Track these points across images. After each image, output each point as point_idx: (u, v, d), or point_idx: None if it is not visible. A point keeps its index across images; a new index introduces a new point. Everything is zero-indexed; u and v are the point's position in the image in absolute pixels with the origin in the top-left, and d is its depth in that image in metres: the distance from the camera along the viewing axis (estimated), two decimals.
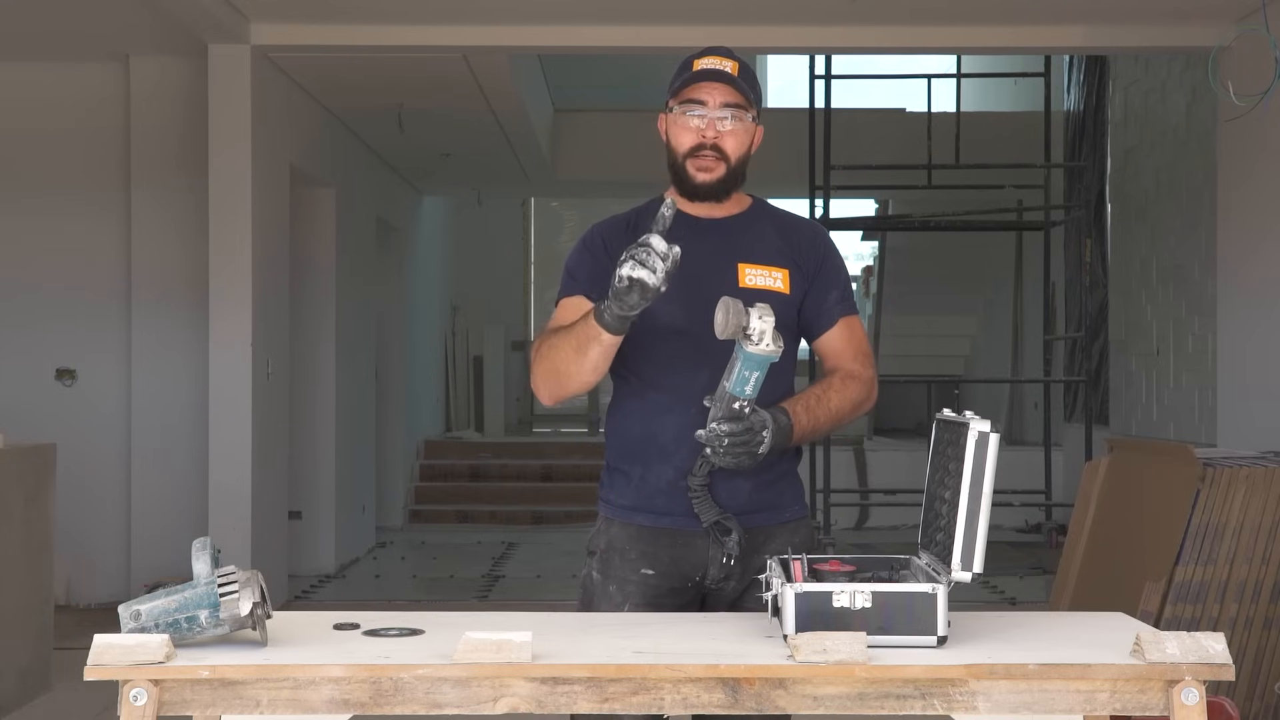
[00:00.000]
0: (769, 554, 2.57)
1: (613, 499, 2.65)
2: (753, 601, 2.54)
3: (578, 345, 2.45)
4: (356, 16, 6.73)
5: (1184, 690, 1.93)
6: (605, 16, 6.84)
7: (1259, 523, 4.33)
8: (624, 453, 2.63)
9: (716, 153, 2.57)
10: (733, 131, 2.58)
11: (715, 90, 2.56)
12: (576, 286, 2.63)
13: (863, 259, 15.32)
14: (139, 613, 2.01)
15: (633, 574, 2.58)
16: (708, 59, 2.57)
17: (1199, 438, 7.67)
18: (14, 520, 5.13)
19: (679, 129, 2.59)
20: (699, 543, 2.56)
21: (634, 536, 2.59)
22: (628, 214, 2.70)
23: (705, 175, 2.58)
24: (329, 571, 8.61)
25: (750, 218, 2.67)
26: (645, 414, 2.55)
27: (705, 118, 2.56)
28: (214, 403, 6.79)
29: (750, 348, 2.32)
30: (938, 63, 11.37)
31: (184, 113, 7.31)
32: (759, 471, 2.54)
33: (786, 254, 2.63)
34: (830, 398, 2.56)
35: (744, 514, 2.56)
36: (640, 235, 2.43)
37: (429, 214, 12.54)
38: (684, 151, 2.59)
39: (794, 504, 2.66)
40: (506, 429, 14.24)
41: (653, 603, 2.56)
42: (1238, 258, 6.82)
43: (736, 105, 2.57)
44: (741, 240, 2.62)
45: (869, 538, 10.41)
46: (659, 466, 2.55)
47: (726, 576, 2.58)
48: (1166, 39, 6.96)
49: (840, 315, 2.66)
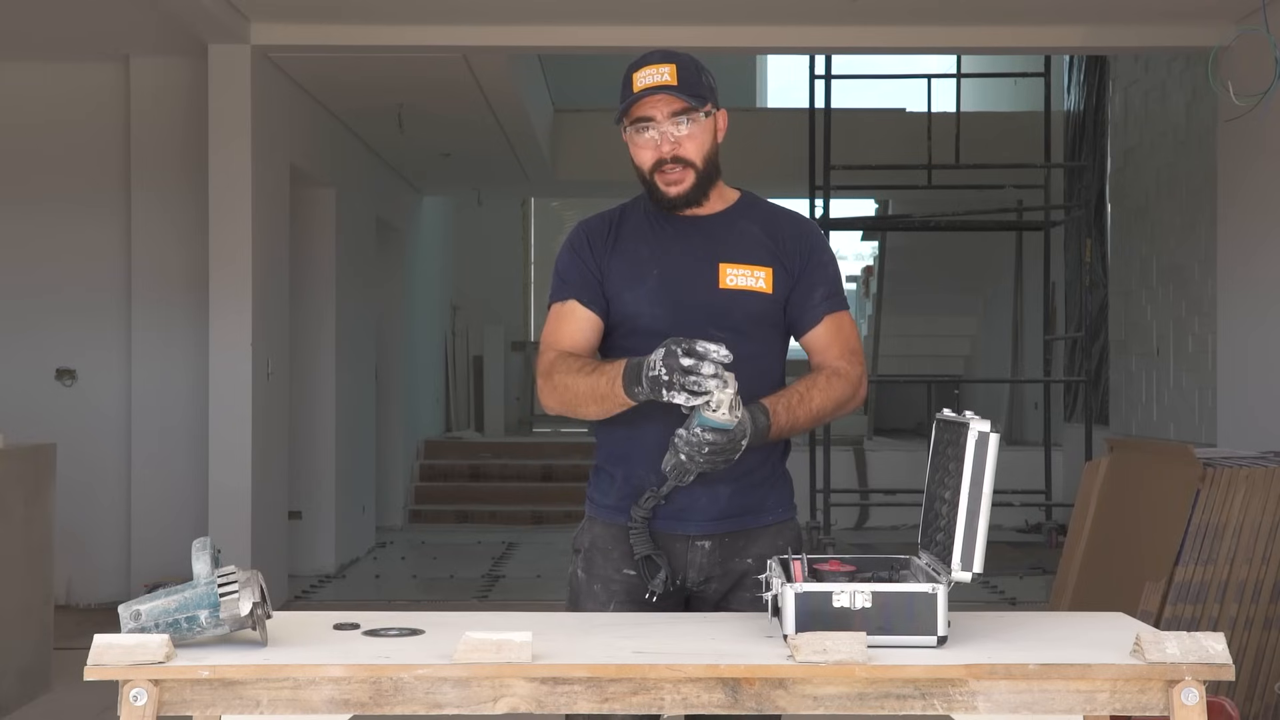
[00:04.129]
0: (751, 558, 2.58)
1: (597, 498, 2.65)
2: (738, 604, 2.56)
3: (599, 401, 2.48)
4: (356, 16, 6.72)
5: (1184, 690, 1.93)
6: (605, 16, 6.84)
7: (1259, 523, 4.33)
8: (610, 454, 2.64)
9: (680, 163, 2.55)
10: (689, 135, 2.54)
11: (660, 104, 2.52)
12: (568, 290, 2.62)
13: (863, 259, 15.33)
14: (139, 613, 2.01)
15: (616, 574, 2.58)
16: (645, 71, 2.53)
17: (1199, 438, 7.67)
18: (14, 520, 5.12)
19: (637, 148, 2.58)
20: (678, 546, 2.56)
21: (616, 536, 2.60)
22: (613, 211, 2.69)
23: (675, 188, 2.56)
24: (329, 571, 8.61)
25: (734, 215, 2.64)
26: (632, 417, 2.54)
27: (659, 133, 2.54)
28: (214, 402, 6.79)
29: (706, 413, 2.32)
30: (938, 63, 11.37)
31: (184, 113, 7.31)
32: (738, 476, 2.53)
33: (771, 250, 2.60)
34: (814, 396, 2.54)
35: (723, 518, 2.56)
36: (624, 233, 2.50)
37: (429, 214, 12.53)
38: (648, 169, 2.57)
39: (778, 506, 2.64)
40: (506, 429, 14.25)
41: (637, 602, 2.56)
42: (1238, 258, 6.81)
43: (685, 110, 2.54)
44: (723, 239, 2.60)
45: (869, 538, 10.41)
46: (641, 468, 2.55)
47: (707, 579, 2.58)
48: (1166, 39, 6.96)
49: (826, 312, 2.63)
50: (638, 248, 2.61)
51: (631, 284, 2.58)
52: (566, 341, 2.59)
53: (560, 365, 2.54)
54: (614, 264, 2.60)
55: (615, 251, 2.61)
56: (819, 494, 9.50)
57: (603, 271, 2.60)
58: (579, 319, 2.60)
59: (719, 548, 2.57)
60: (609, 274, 2.60)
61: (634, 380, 2.37)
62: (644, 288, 2.57)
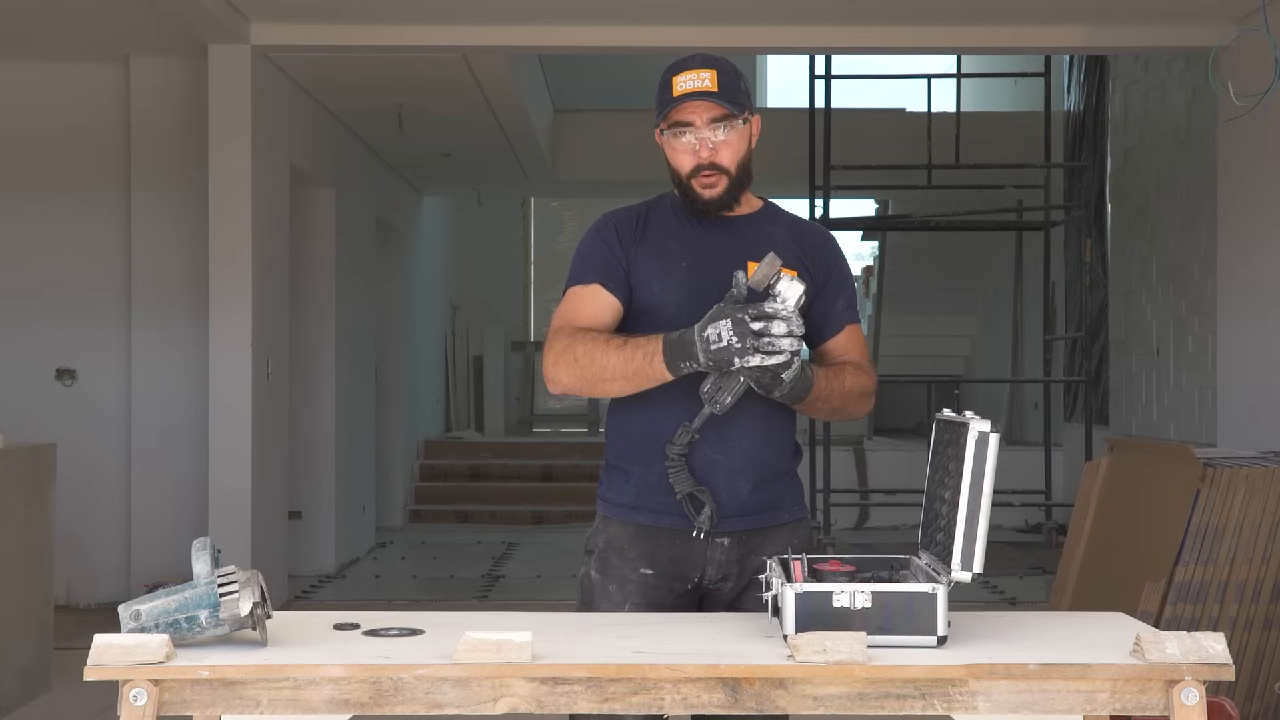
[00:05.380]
0: (767, 555, 2.58)
1: (612, 497, 2.64)
2: (751, 602, 2.54)
3: (629, 377, 2.45)
4: (356, 16, 6.73)
5: (1184, 690, 1.93)
6: (605, 16, 6.84)
7: (1259, 523, 4.33)
8: (625, 451, 2.63)
9: (715, 169, 2.57)
10: (726, 142, 2.57)
11: (699, 109, 2.54)
12: (591, 275, 2.61)
13: (863, 259, 15.32)
14: (139, 613, 2.01)
15: (632, 573, 2.58)
16: (686, 76, 2.54)
17: (1199, 438, 7.67)
18: (14, 520, 5.12)
19: (674, 152, 2.59)
20: (697, 543, 2.56)
21: (632, 535, 2.59)
22: (639, 206, 2.70)
23: (711, 192, 2.59)
24: (329, 571, 8.61)
25: (761, 219, 2.68)
26: (648, 413, 2.55)
27: (697, 138, 2.56)
28: (214, 403, 6.79)
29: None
30: (938, 63, 11.37)
31: (184, 113, 7.31)
32: (758, 470, 2.56)
33: (797, 255, 2.63)
34: (845, 378, 2.58)
35: (741, 515, 2.56)
36: (652, 227, 2.54)
37: (429, 214, 12.54)
38: (685, 173, 2.59)
39: (792, 505, 2.66)
40: (506, 429, 14.25)
41: (653, 603, 2.56)
42: (1238, 258, 6.82)
43: (724, 117, 2.56)
44: (752, 239, 2.62)
45: (869, 538, 10.41)
46: (659, 465, 2.55)
47: (724, 577, 2.58)
48: (1166, 39, 6.96)
49: (846, 322, 2.68)
50: (667, 242, 2.62)
51: (660, 275, 2.59)
52: (586, 322, 2.57)
53: (584, 339, 2.51)
54: (641, 254, 2.61)
55: (643, 243, 2.62)
56: (819, 494, 9.50)
57: (629, 261, 2.60)
58: (601, 303, 2.58)
59: (737, 545, 2.57)
60: (636, 263, 2.60)
61: (681, 355, 2.37)
62: (673, 279, 2.58)
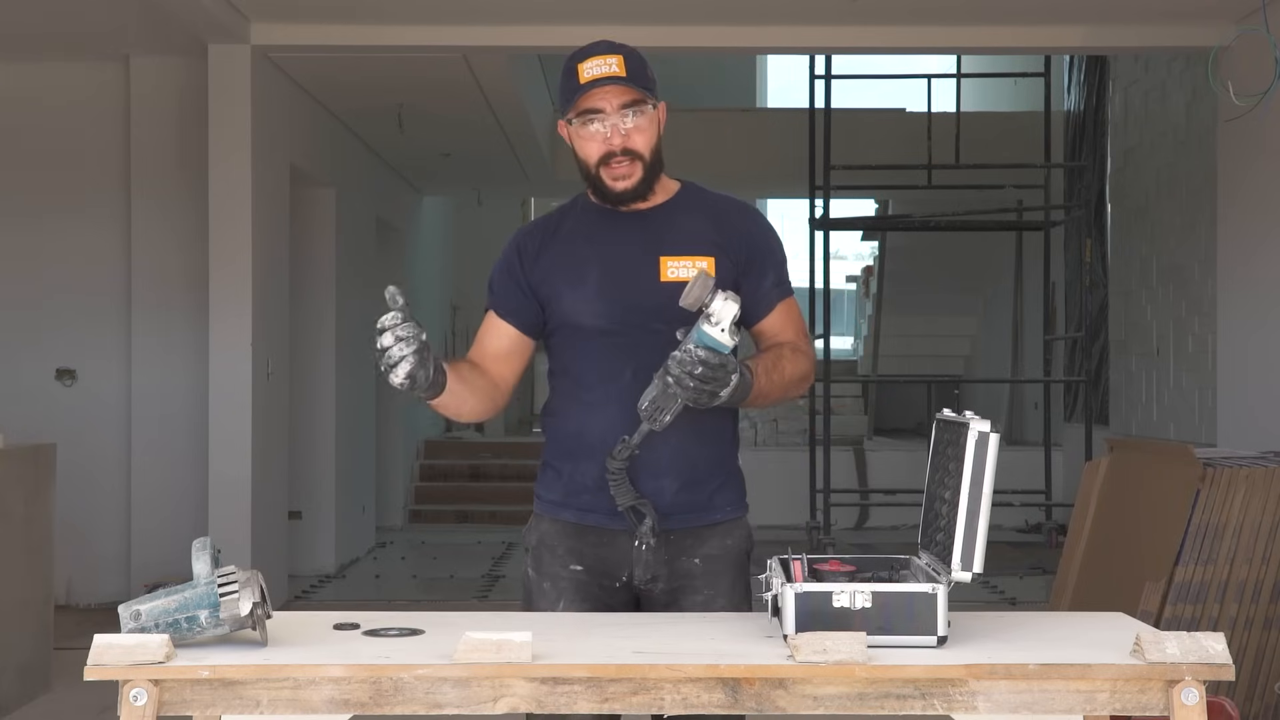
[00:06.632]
0: (699, 558, 2.55)
1: (543, 494, 2.63)
2: (689, 605, 2.53)
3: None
4: (356, 16, 6.72)
5: (1184, 690, 1.93)
6: (605, 17, 6.83)
7: (1259, 523, 4.33)
8: (556, 450, 2.62)
9: (629, 156, 2.51)
10: (638, 127, 2.50)
11: (609, 95, 2.47)
12: (490, 300, 2.64)
13: (863, 259, 15.33)
14: (139, 613, 2.01)
15: (564, 570, 2.56)
16: (592, 62, 2.47)
17: (1199, 438, 7.67)
18: (14, 520, 5.13)
19: (582, 141, 2.53)
20: (622, 541, 2.53)
21: (561, 532, 2.58)
22: (554, 212, 2.66)
23: (624, 183, 2.52)
24: (329, 571, 8.61)
25: (674, 207, 2.60)
26: (575, 412, 2.54)
27: (607, 125, 2.50)
28: (214, 402, 6.79)
29: (706, 327, 2.30)
30: (938, 63, 11.38)
31: (184, 113, 7.31)
32: (684, 470, 2.51)
33: (714, 240, 2.55)
34: (783, 366, 2.50)
35: (667, 515, 2.50)
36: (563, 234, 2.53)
37: (429, 214, 12.53)
38: (594, 162, 2.53)
39: (726, 505, 2.59)
40: (506, 429, 14.24)
41: (587, 600, 2.54)
42: (1238, 258, 6.82)
43: (635, 102, 2.50)
44: (663, 232, 2.56)
45: (869, 538, 10.41)
46: (586, 464, 2.53)
47: (653, 578, 2.54)
48: (1166, 39, 6.96)
49: (778, 299, 2.60)
50: (577, 247, 2.57)
51: (571, 284, 2.55)
52: (481, 349, 2.62)
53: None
54: (550, 267, 2.57)
55: (551, 254, 2.58)
56: (819, 494, 9.50)
57: (536, 279, 2.58)
58: (497, 331, 2.62)
59: (665, 546, 2.52)
60: (546, 277, 2.57)
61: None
62: (584, 287, 2.54)
